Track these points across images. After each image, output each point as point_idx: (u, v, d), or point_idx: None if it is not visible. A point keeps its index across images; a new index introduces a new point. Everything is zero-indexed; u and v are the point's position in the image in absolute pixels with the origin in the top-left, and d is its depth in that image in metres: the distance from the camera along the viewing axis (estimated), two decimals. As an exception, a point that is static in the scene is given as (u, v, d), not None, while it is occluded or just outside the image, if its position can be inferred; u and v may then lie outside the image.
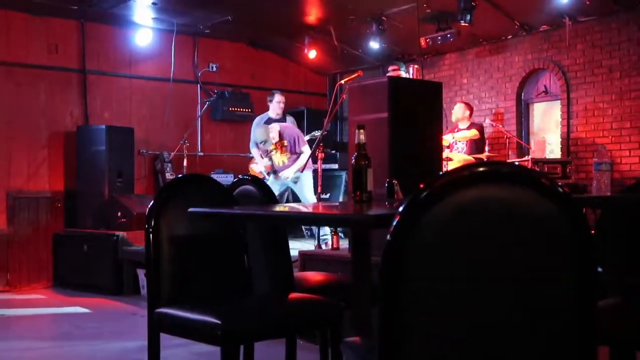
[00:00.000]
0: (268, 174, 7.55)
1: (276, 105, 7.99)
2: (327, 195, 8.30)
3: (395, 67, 7.77)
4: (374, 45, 8.58)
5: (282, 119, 7.98)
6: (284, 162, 7.49)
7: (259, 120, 8.11)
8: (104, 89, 8.77)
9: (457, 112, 8.15)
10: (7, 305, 6.91)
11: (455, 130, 8.13)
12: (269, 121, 7.88)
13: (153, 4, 7.88)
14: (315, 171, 7.04)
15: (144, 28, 8.78)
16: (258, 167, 7.76)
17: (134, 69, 9.03)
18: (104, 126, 8.16)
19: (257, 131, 7.55)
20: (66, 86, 8.47)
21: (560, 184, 1.55)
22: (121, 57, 8.91)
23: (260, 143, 7.43)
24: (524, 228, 1.51)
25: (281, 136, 7.44)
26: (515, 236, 1.51)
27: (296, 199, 7.70)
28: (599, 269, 2.60)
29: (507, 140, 8.07)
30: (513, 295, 1.52)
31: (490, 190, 1.50)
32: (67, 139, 8.40)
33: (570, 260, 1.53)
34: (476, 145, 7.99)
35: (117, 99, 8.88)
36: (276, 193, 7.45)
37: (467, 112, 8.14)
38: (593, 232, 1.64)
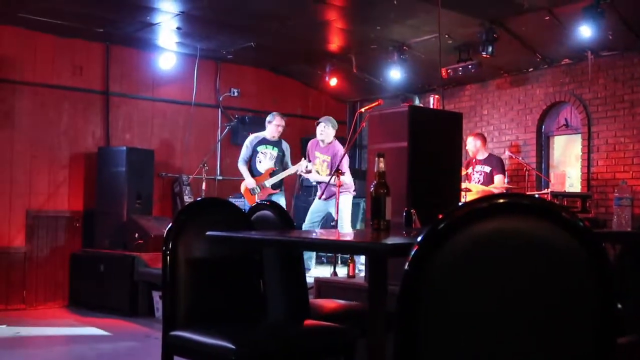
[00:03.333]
0: (253, 189, 7.74)
1: (274, 127, 7.85)
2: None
3: (409, 102, 7.74)
4: (395, 74, 8.60)
5: (278, 143, 7.94)
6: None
7: (253, 139, 7.95)
8: (126, 111, 8.87)
9: (470, 145, 8.08)
10: (22, 324, 6.93)
11: (474, 161, 8.08)
12: (263, 141, 7.86)
13: (177, 28, 7.99)
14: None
15: (167, 52, 8.89)
16: (248, 184, 7.81)
17: (156, 92, 9.13)
18: (124, 147, 8.23)
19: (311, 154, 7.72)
20: (89, 107, 8.58)
21: (580, 217, 1.54)
22: (144, 79, 9.02)
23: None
24: (543, 261, 1.50)
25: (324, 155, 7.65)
26: (534, 269, 1.50)
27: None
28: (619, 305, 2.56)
29: (527, 172, 8.01)
30: (530, 328, 1.50)
31: (510, 222, 1.49)
32: (87, 160, 8.48)
33: (590, 295, 1.52)
34: (492, 177, 7.93)
35: (138, 121, 8.97)
36: (316, 216, 7.63)
37: (479, 143, 8.05)
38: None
